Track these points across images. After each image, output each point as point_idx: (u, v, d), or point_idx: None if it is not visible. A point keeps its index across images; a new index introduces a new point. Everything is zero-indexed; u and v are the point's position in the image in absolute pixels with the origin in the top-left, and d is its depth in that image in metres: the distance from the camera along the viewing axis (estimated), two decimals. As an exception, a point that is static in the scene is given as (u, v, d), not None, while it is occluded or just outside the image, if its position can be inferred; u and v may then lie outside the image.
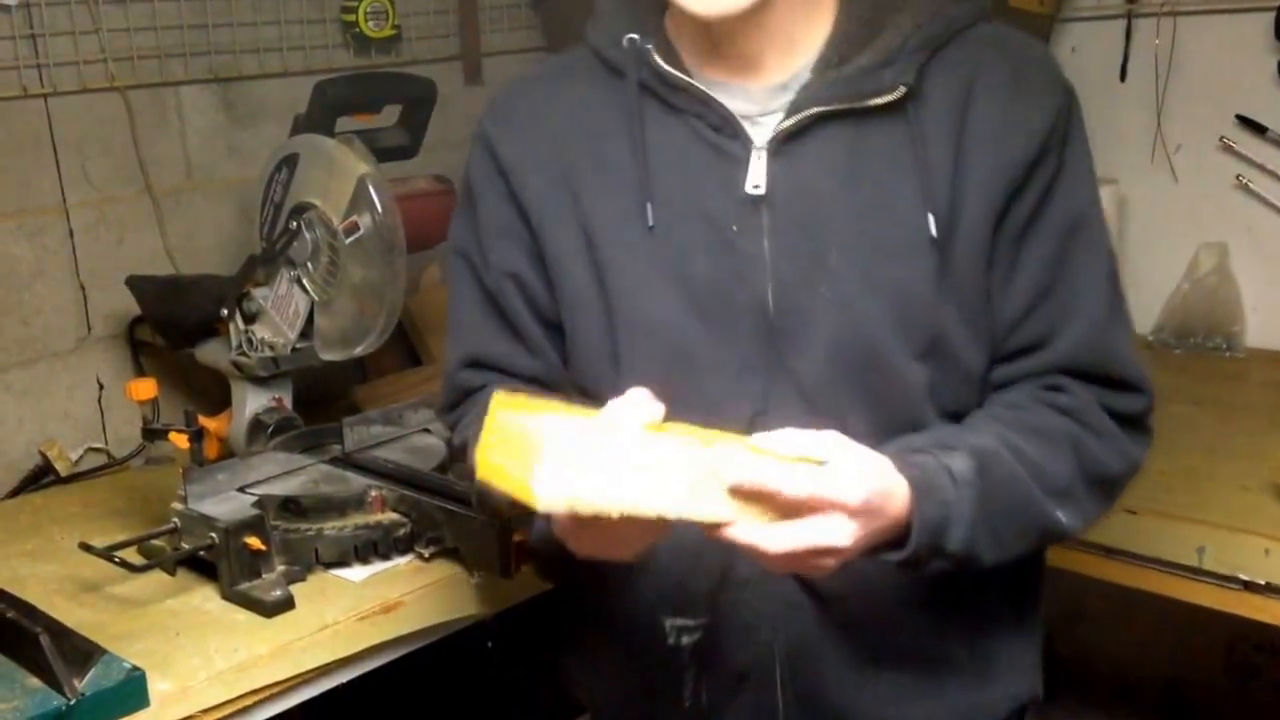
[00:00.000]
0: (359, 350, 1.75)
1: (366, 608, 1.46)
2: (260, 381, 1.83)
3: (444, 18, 2.37)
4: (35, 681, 1.26)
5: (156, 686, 1.29)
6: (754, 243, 1.07)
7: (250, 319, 1.81)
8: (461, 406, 1.26)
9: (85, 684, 1.24)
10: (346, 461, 1.70)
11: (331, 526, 1.54)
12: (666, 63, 1.10)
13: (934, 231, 1.04)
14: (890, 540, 0.99)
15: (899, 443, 1.03)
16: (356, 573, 1.54)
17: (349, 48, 2.22)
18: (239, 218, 2.09)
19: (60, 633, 1.29)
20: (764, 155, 1.08)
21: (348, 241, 1.69)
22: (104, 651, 1.28)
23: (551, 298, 1.17)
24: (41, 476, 1.92)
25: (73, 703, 1.22)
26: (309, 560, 1.53)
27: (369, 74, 2.15)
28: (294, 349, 1.78)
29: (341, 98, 1.81)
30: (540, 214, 1.15)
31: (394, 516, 1.57)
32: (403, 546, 1.57)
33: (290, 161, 1.76)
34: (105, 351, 2.00)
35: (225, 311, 1.81)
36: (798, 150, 1.07)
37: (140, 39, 1.96)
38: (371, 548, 1.55)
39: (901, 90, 1.05)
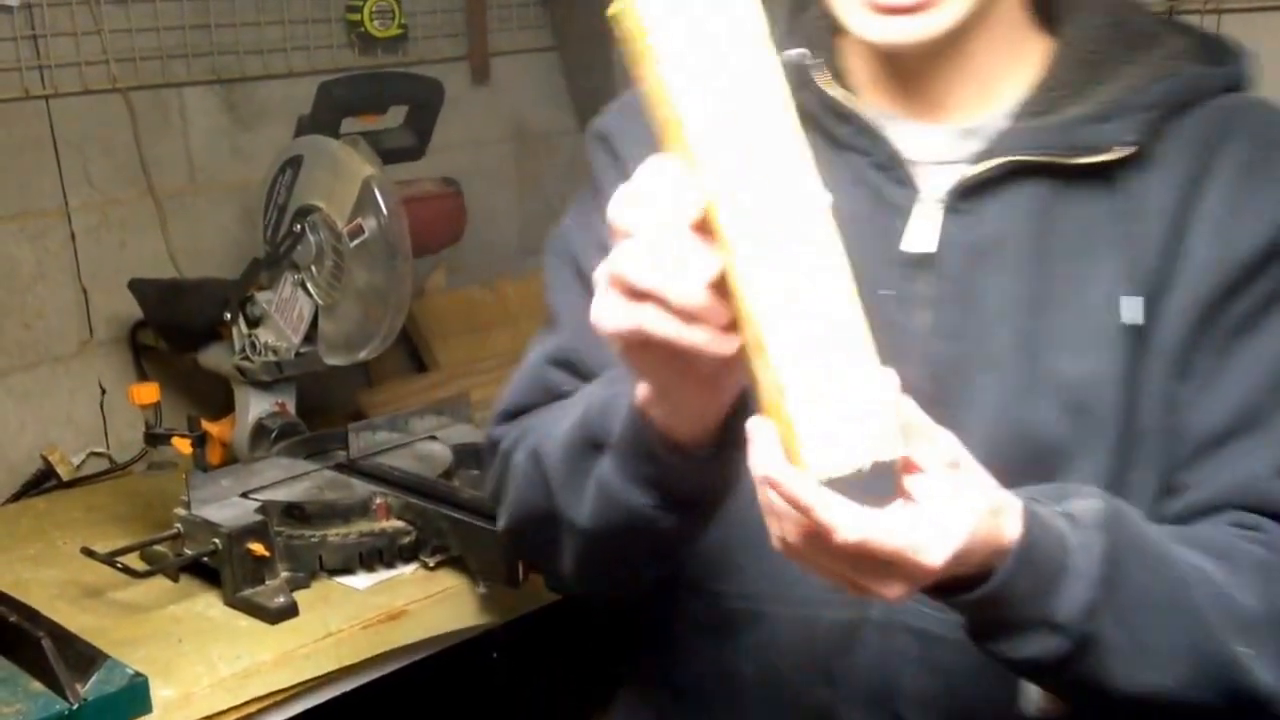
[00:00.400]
0: (363, 355, 1.74)
1: (371, 616, 1.45)
2: (264, 386, 1.81)
3: (451, 16, 2.35)
4: (38, 686, 1.25)
5: (159, 692, 1.28)
6: (908, 313, 0.93)
7: (254, 323, 1.80)
8: (537, 412, 1.07)
9: (88, 689, 1.23)
10: (351, 468, 1.69)
11: (336, 533, 1.53)
12: (832, 87, 0.96)
13: (1124, 317, 0.89)
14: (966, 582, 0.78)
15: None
16: (361, 580, 1.52)
17: (354, 47, 2.20)
18: (242, 220, 2.07)
19: (63, 638, 1.29)
20: (934, 208, 0.93)
21: (352, 245, 1.67)
22: (107, 657, 1.27)
23: None
24: (43, 481, 1.91)
25: (75, 708, 1.21)
26: (313, 567, 1.52)
27: (374, 74, 2.13)
28: (298, 353, 1.77)
29: (346, 98, 1.80)
30: None
31: (399, 524, 1.56)
32: (408, 554, 1.55)
33: (294, 163, 1.75)
34: (107, 355, 1.99)
35: (228, 315, 1.80)
36: (980, 207, 0.93)
37: (142, 40, 1.95)
38: (376, 555, 1.54)
39: (1123, 150, 0.90)
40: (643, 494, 0.88)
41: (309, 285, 1.73)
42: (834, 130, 0.96)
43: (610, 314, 0.74)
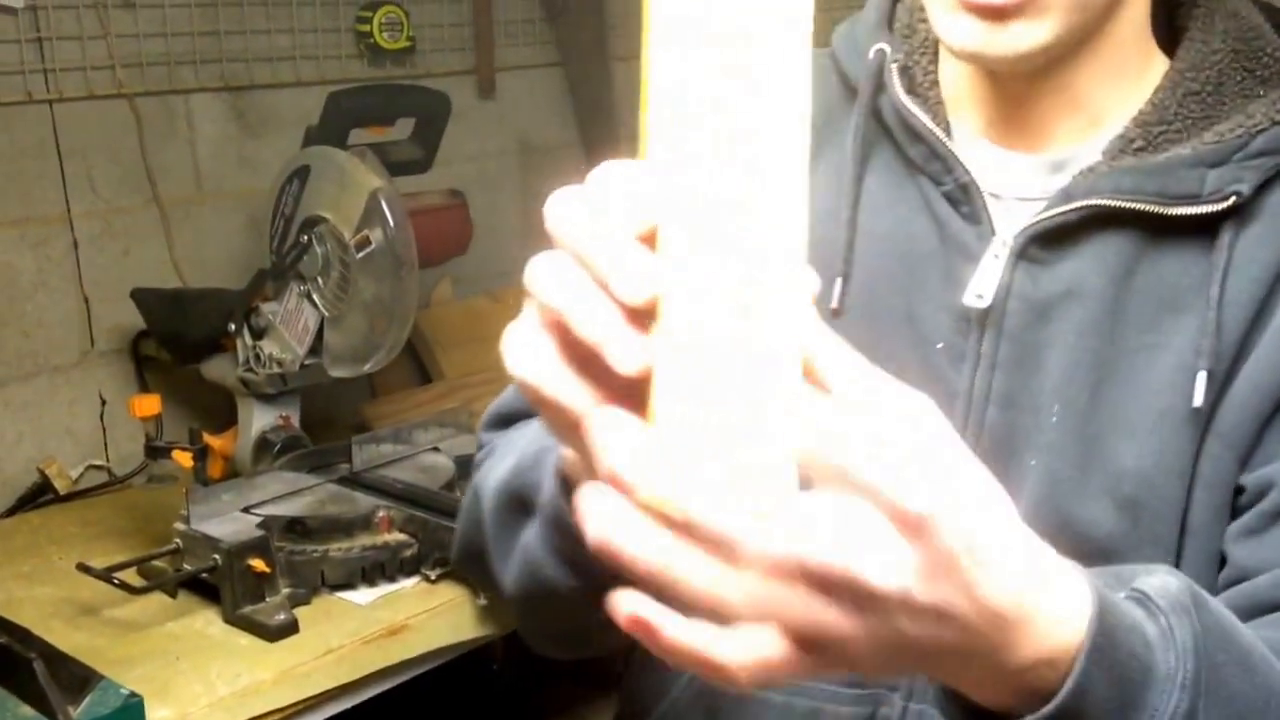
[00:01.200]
0: (368, 367, 1.74)
1: (372, 631, 1.44)
2: (267, 399, 1.81)
3: (459, 30, 2.36)
4: (28, 710, 1.23)
5: (155, 713, 1.27)
6: (959, 372, 0.82)
7: (258, 334, 1.79)
8: (517, 426, 0.94)
9: (81, 712, 1.21)
10: (354, 481, 1.69)
11: (338, 548, 1.53)
12: (910, 96, 0.85)
13: (1198, 400, 0.76)
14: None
15: None
16: (362, 595, 1.52)
17: (363, 58, 2.20)
18: (248, 230, 2.06)
19: (55, 658, 1.27)
20: (1005, 254, 0.81)
21: (359, 256, 1.67)
22: (101, 677, 1.25)
23: None
24: (40, 495, 1.89)
25: (67, 731, 1.19)
26: (314, 582, 1.51)
27: (383, 86, 2.13)
28: (302, 365, 1.77)
29: (355, 109, 1.81)
30: None
31: (401, 537, 1.55)
32: (409, 568, 1.55)
33: (302, 174, 1.75)
34: (108, 366, 1.98)
35: (233, 326, 1.79)
36: (1053, 257, 0.80)
37: (150, 45, 1.94)
38: (378, 569, 1.54)
39: (1227, 202, 0.77)
40: (567, 574, 0.74)
41: (315, 296, 1.73)
42: (907, 148, 0.85)
43: (516, 345, 0.54)
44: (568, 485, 0.68)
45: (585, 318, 0.50)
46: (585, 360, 0.51)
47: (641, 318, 0.50)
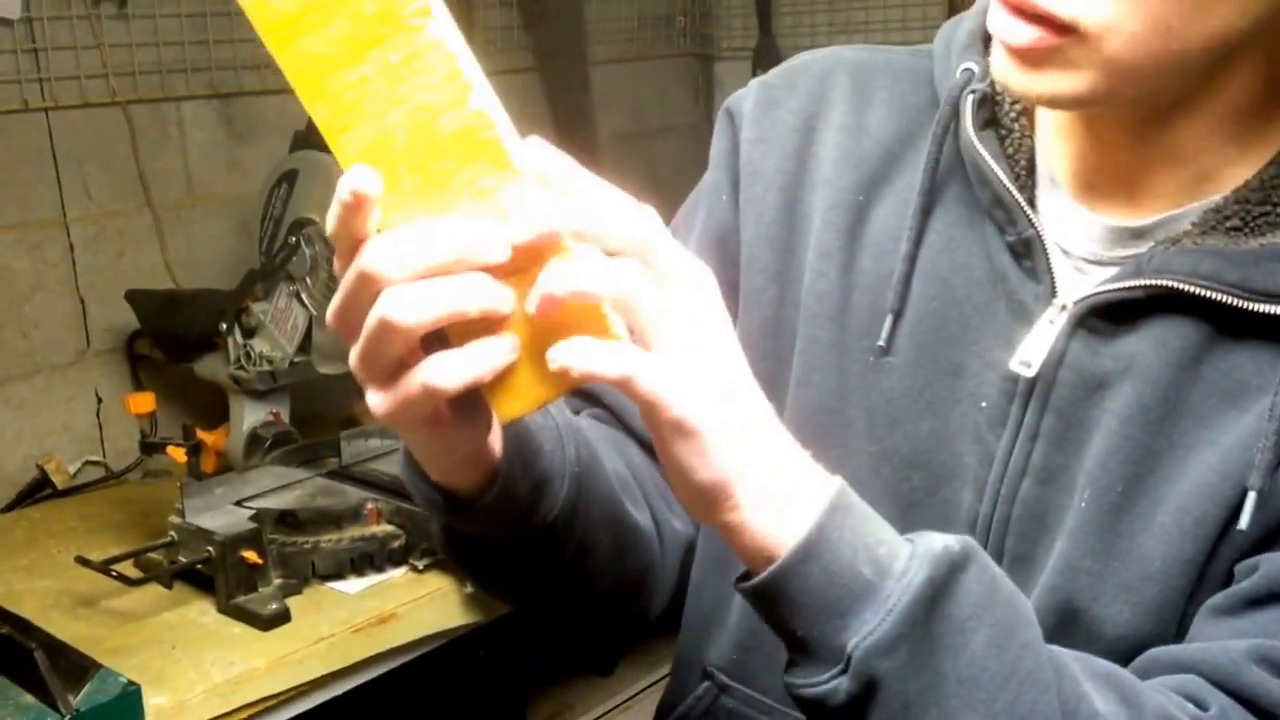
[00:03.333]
0: (356, 364, 1.74)
1: (361, 620, 1.46)
2: (258, 395, 1.82)
3: (442, 35, 2.37)
4: (29, 698, 1.24)
5: (152, 701, 1.28)
6: (998, 437, 0.76)
7: (249, 333, 1.81)
8: None
9: (80, 699, 1.22)
10: (343, 474, 1.70)
11: (328, 539, 1.54)
12: (988, 130, 0.77)
13: (1244, 523, 0.68)
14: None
15: None
16: (351, 585, 1.54)
17: (348, 65, 2.21)
18: (239, 233, 2.08)
19: (55, 648, 1.29)
20: (1063, 320, 0.74)
21: (346, 257, 1.68)
22: (99, 666, 1.27)
23: None
24: (39, 490, 1.91)
25: (67, 719, 1.21)
26: (305, 573, 1.53)
27: (368, 90, 2.14)
28: (292, 363, 1.78)
29: (341, 114, 1.81)
30: (754, 247, 0.85)
31: (389, 528, 1.57)
32: (397, 558, 1.57)
33: (290, 178, 1.76)
34: (104, 365, 2.00)
35: (224, 326, 1.81)
36: (1114, 332, 0.73)
37: (142, 54, 1.96)
38: (367, 560, 1.55)
39: None
40: (420, 480, 0.74)
41: (304, 296, 1.74)
42: (975, 188, 0.77)
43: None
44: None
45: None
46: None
47: None
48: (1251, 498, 0.68)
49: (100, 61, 1.92)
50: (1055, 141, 0.77)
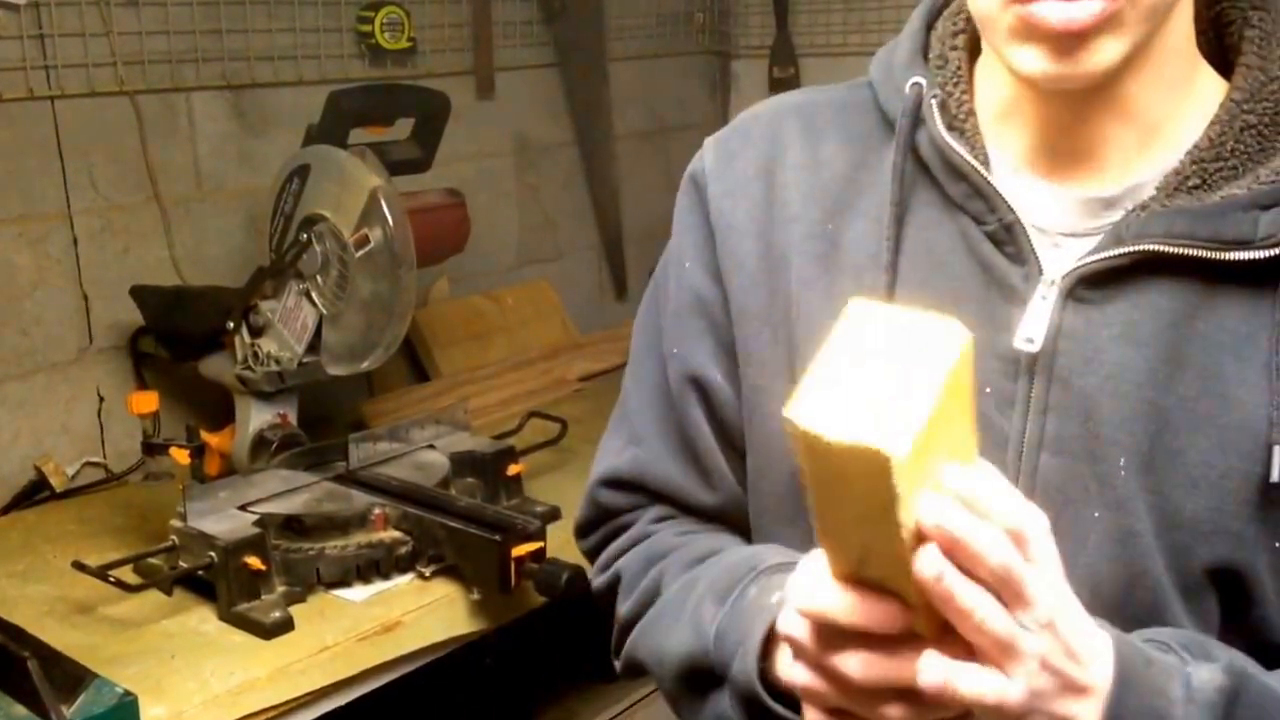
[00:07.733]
0: (366, 365, 1.74)
1: (366, 628, 1.45)
2: (265, 396, 1.80)
3: (458, 31, 2.36)
4: (21, 710, 1.23)
5: (149, 712, 1.26)
6: (1008, 417, 0.79)
7: (257, 332, 1.79)
8: (604, 529, 1.01)
9: (74, 711, 1.21)
10: (350, 479, 1.69)
11: (333, 546, 1.53)
12: (949, 130, 0.81)
13: (1276, 474, 0.73)
14: None
15: (1140, 632, 0.74)
16: (357, 592, 1.52)
17: (364, 58, 2.20)
18: (248, 228, 2.06)
19: (49, 657, 1.27)
20: (1054, 295, 0.78)
21: (358, 255, 1.67)
22: (95, 676, 1.25)
23: (739, 405, 0.90)
24: (36, 492, 1.89)
25: (60, 730, 1.19)
26: (310, 580, 1.51)
27: (383, 85, 2.13)
28: (300, 363, 1.76)
29: (355, 109, 1.81)
30: (743, 296, 0.88)
31: (396, 534, 1.56)
32: (404, 565, 1.56)
33: (302, 172, 1.74)
34: (106, 363, 1.97)
35: (231, 324, 1.79)
36: (1105, 299, 0.77)
37: (152, 43, 1.93)
38: (373, 567, 1.54)
39: (1278, 249, 0.73)
40: None
41: (314, 295, 1.73)
42: (948, 187, 0.81)
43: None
44: (766, 655, 0.75)
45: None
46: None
47: None
48: (1278, 452, 0.73)
49: (109, 49, 1.89)
50: (1006, 132, 0.82)
